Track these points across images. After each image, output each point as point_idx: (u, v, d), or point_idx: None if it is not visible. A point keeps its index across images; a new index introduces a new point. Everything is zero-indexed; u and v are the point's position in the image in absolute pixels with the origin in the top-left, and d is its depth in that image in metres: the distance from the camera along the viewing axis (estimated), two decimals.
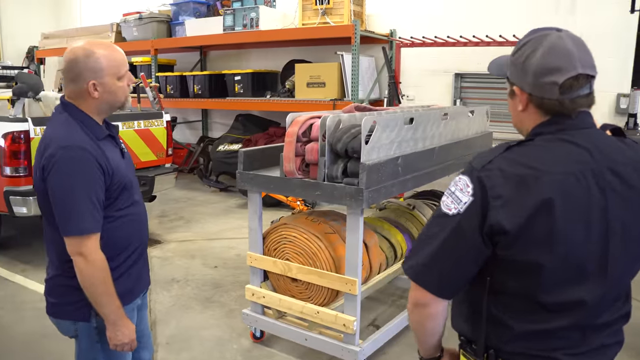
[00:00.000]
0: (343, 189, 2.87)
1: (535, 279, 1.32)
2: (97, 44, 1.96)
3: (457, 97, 7.51)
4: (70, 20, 12.51)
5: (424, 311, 1.43)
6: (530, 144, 1.37)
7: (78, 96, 1.94)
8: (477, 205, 1.30)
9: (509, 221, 1.27)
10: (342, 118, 3.07)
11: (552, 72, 1.32)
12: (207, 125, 10.30)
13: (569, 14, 6.66)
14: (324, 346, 3.18)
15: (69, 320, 2.01)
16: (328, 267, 3.14)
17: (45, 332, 3.66)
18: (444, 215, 1.35)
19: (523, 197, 1.27)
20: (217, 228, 6.40)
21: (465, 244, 1.33)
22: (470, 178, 1.33)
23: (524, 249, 1.29)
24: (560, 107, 1.35)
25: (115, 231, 1.98)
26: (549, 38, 1.36)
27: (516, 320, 1.37)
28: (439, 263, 1.36)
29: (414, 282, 1.41)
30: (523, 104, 1.41)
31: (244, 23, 7.72)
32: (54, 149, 1.83)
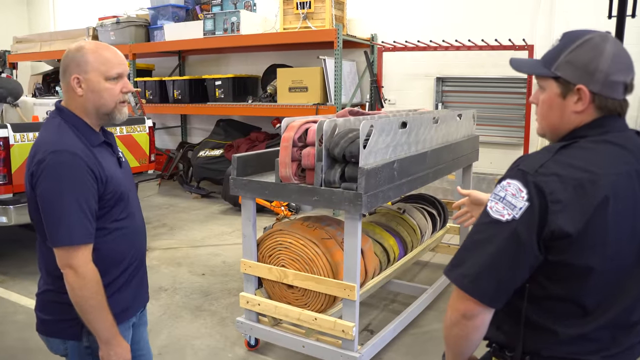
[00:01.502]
0: (341, 194, 2.85)
1: (583, 281, 1.32)
2: (91, 42, 1.89)
3: (439, 101, 7.57)
4: (43, 24, 12.26)
5: (471, 323, 1.36)
6: (577, 146, 1.36)
7: (66, 94, 1.87)
8: (534, 211, 1.27)
9: (571, 225, 1.26)
10: (337, 122, 3.05)
11: (623, 72, 1.35)
12: (187, 130, 10.19)
13: (548, 18, 6.77)
14: (322, 353, 3.15)
15: (59, 339, 1.90)
16: (325, 273, 3.11)
17: (27, 347, 3.55)
18: (496, 222, 1.31)
19: (582, 200, 1.27)
20: (202, 235, 6.32)
21: (522, 250, 1.29)
22: (522, 182, 1.30)
23: (579, 253, 1.29)
24: (620, 107, 1.38)
25: (110, 245, 1.87)
26: (608, 40, 1.36)
27: (559, 325, 1.36)
28: (496, 271, 1.32)
29: (463, 292, 1.35)
30: (585, 104, 1.37)
31: (225, 27, 7.66)
32: (44, 154, 1.73)
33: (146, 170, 6.03)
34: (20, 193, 4.71)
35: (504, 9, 6.99)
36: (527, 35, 6.72)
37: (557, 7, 6.70)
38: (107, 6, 10.38)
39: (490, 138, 7.27)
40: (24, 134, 4.71)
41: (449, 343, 1.46)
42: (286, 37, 7.41)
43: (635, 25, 6.15)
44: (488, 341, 1.51)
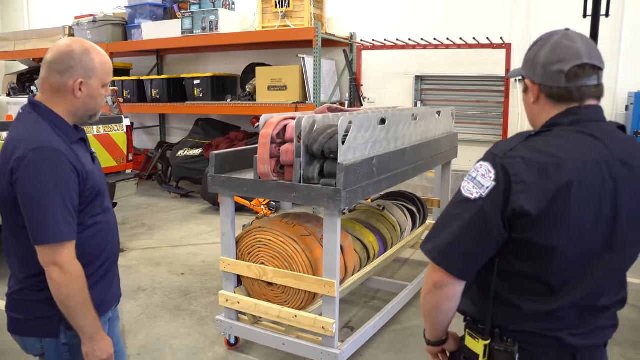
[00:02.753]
0: (320, 190, 2.84)
1: (548, 261, 1.38)
2: (93, 46, 1.87)
3: (418, 99, 7.61)
4: (16, 22, 12.03)
5: (442, 293, 1.46)
6: (549, 134, 1.43)
7: (57, 92, 1.81)
8: (499, 190, 1.36)
9: (532, 205, 1.33)
10: (316, 119, 3.04)
11: (559, 62, 1.42)
12: (165, 130, 10.09)
13: (525, 18, 6.85)
14: (303, 350, 3.14)
15: (35, 338, 1.87)
16: (305, 269, 3.10)
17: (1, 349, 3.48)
18: (466, 200, 1.40)
19: (545, 182, 1.34)
20: (181, 234, 6.26)
21: (487, 226, 1.37)
22: (492, 164, 1.38)
23: (541, 232, 1.36)
24: (568, 94, 1.44)
25: (88, 239, 1.85)
26: (556, 35, 1.47)
27: (524, 301, 1.43)
28: (463, 245, 1.40)
29: (435, 264, 1.44)
30: (535, 95, 1.50)
31: (203, 26, 7.61)
32: (24, 151, 1.69)
33: (124, 169, 5.95)
34: None
35: (482, 7, 7.04)
36: (505, 34, 6.78)
37: (534, 6, 6.78)
38: (83, 4, 10.23)
39: (469, 136, 7.32)
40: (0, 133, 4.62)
41: (425, 312, 1.56)
42: (265, 36, 7.38)
43: (609, 25, 6.27)
44: (464, 315, 1.57)
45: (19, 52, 9.93)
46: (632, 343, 3.64)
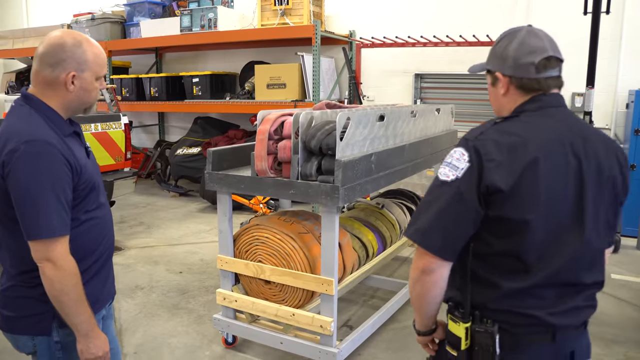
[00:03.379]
0: (318, 187, 2.81)
1: (522, 236, 1.46)
2: (86, 37, 1.82)
3: (418, 97, 7.58)
4: (15, 20, 12.01)
5: (429, 278, 1.51)
6: (517, 119, 1.56)
7: (49, 85, 1.78)
8: (473, 169, 1.45)
9: (503, 181, 1.43)
10: (314, 115, 3.01)
11: (529, 54, 1.54)
12: (164, 129, 10.06)
13: (525, 15, 6.81)
14: (301, 349, 3.11)
15: (27, 335, 1.84)
16: (303, 267, 3.07)
17: None
18: (443, 183, 1.48)
19: (513, 160, 1.44)
20: (179, 233, 6.23)
21: (464, 205, 1.46)
22: (465, 147, 1.49)
23: (514, 207, 1.44)
24: (537, 84, 1.56)
25: (82, 235, 1.82)
26: (522, 30, 1.59)
27: (501, 279, 1.49)
28: (442, 224, 1.47)
29: (419, 247, 1.50)
30: (505, 87, 1.60)
31: (202, 24, 7.57)
32: (16, 144, 1.65)
33: (122, 168, 5.92)
34: None
35: (482, 5, 7.01)
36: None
37: (534, 3, 6.75)
38: (81, 2, 10.20)
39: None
40: None
41: (414, 302, 1.62)
42: (264, 34, 7.35)
43: (610, 22, 6.24)
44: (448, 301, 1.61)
45: (17, 50, 9.90)
46: (635, 342, 3.62)
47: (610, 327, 3.81)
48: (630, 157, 5.96)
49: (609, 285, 4.62)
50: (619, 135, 6.41)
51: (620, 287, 4.59)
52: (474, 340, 1.51)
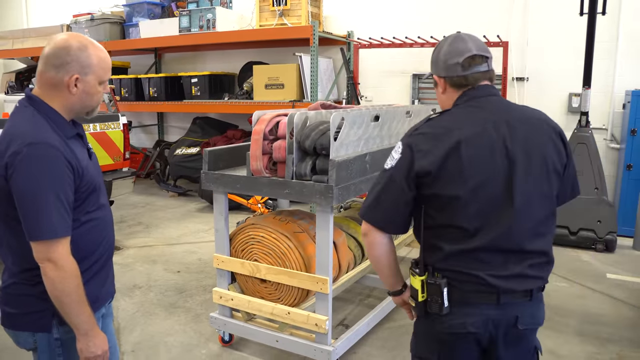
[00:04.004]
0: (312, 186, 2.84)
1: (456, 209, 1.71)
2: (91, 41, 1.85)
3: (415, 97, 7.60)
4: (14, 20, 12.04)
5: (367, 240, 1.86)
6: (448, 112, 1.83)
7: (53, 87, 1.80)
8: (404, 160, 1.74)
9: (430, 164, 1.70)
10: (309, 115, 3.04)
11: (455, 56, 1.81)
12: (163, 129, 10.09)
13: (522, 16, 6.84)
14: (296, 347, 3.14)
15: (27, 332, 1.87)
16: (298, 266, 3.10)
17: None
18: (383, 170, 1.82)
19: (438, 147, 1.71)
20: (178, 233, 6.26)
21: (395, 187, 1.76)
22: (401, 142, 1.80)
23: (443, 185, 1.71)
24: (465, 80, 1.81)
25: (83, 236, 1.85)
26: (449, 38, 1.86)
27: (446, 244, 1.75)
28: (381, 203, 1.80)
29: (365, 222, 1.84)
30: (442, 87, 1.87)
31: (200, 24, 7.60)
32: (19, 146, 1.67)
33: (121, 167, 5.95)
34: None
35: (480, 6, 7.04)
36: (503, 32, 6.78)
37: (531, 4, 6.78)
38: (81, 3, 10.23)
39: None
40: None
41: (376, 269, 1.95)
42: (262, 34, 7.37)
43: (607, 23, 6.26)
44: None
45: (17, 50, 9.93)
46: (629, 340, 3.64)
47: (605, 326, 3.83)
48: (627, 157, 5.99)
49: (604, 285, 4.65)
50: (616, 136, 6.44)
51: (615, 286, 4.62)
52: (428, 291, 1.76)
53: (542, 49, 6.80)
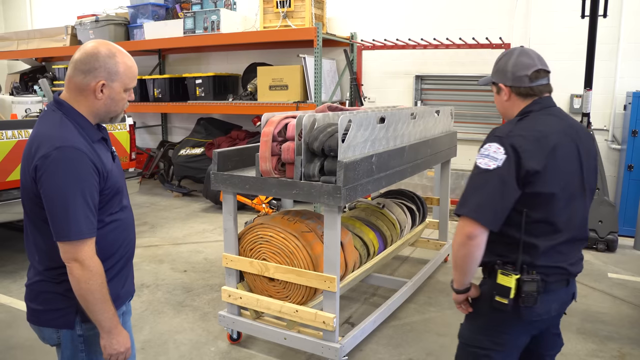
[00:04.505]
0: (320, 187, 2.90)
1: (551, 205, 1.93)
2: (119, 49, 1.92)
3: (418, 98, 7.66)
4: (19, 21, 12.11)
5: (473, 242, 1.90)
6: (528, 118, 2.01)
7: (80, 92, 1.87)
8: (511, 160, 1.87)
9: (537, 164, 1.89)
10: (317, 117, 3.11)
11: (523, 69, 2.03)
12: (167, 129, 10.16)
13: (524, 18, 6.91)
14: (304, 344, 3.20)
15: (52, 328, 1.93)
16: (306, 265, 3.16)
17: (9, 345, 3.54)
18: (485, 171, 1.89)
19: (540, 148, 1.91)
20: (183, 233, 6.33)
21: (506, 186, 1.87)
22: (499, 143, 1.90)
23: (544, 184, 1.90)
24: (532, 91, 2.04)
25: (106, 237, 1.92)
26: (516, 50, 2.08)
27: (538, 240, 1.94)
28: (491, 202, 1.88)
29: (469, 220, 1.88)
30: (507, 94, 2.08)
31: (205, 26, 7.67)
32: (48, 149, 1.75)
33: (127, 168, 6.02)
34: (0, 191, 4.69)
35: (482, 8, 7.11)
36: (505, 33, 6.85)
37: (533, 6, 6.84)
38: (85, 4, 10.30)
39: (468, 135, 7.38)
40: (2, 132, 4.68)
41: (458, 263, 1.99)
42: (266, 36, 7.44)
43: (608, 26, 6.32)
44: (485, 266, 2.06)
45: (21, 51, 10.00)
46: (629, 339, 3.70)
47: (605, 325, 3.89)
48: (627, 157, 6.05)
49: (605, 284, 4.71)
50: (617, 137, 6.50)
51: (616, 285, 4.68)
52: (521, 288, 1.92)
53: (544, 51, 6.78)
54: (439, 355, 3.47)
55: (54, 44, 9.50)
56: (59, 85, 9.77)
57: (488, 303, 2.00)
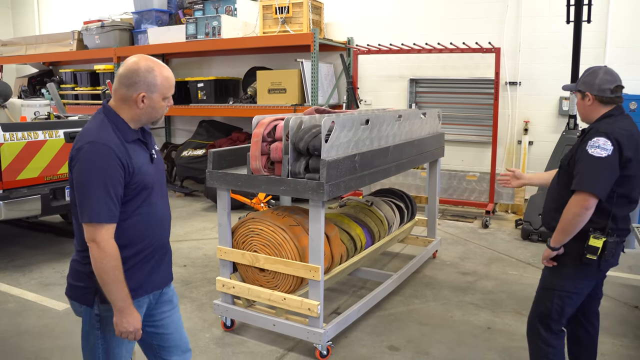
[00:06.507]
0: (305, 183, 3.15)
1: (633, 184, 2.61)
2: (158, 63, 2.16)
3: (413, 101, 7.90)
4: (27, 27, 12.44)
5: (589, 212, 2.52)
6: (617, 119, 2.63)
7: (124, 101, 2.11)
8: (616, 150, 2.52)
9: (632, 153, 2.55)
10: (303, 119, 3.35)
11: (607, 83, 2.65)
12: (170, 131, 10.43)
13: (514, 24, 7.15)
14: (291, 330, 3.44)
15: (77, 302, 2.18)
16: (293, 256, 3.40)
17: (18, 330, 3.80)
18: (599, 158, 2.51)
19: (631, 143, 2.57)
20: (184, 230, 6.58)
21: (615, 169, 2.52)
22: (606, 137, 2.53)
23: (633, 168, 2.57)
24: (612, 100, 2.66)
25: (130, 227, 2.11)
26: (601, 69, 2.69)
27: (619, 210, 2.61)
28: (606, 180, 2.52)
29: (588, 194, 2.51)
30: (591, 100, 2.68)
31: (206, 31, 7.93)
32: (82, 143, 2.02)
33: None
34: (10, 189, 4.94)
35: (475, 14, 7.35)
36: (497, 38, 7.09)
37: (523, 12, 7.08)
38: (91, 10, 10.60)
39: (462, 137, 7.62)
40: (12, 134, 4.94)
41: (569, 228, 2.58)
42: (265, 41, 7.70)
43: (595, 31, 6.55)
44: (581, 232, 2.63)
45: (30, 56, 10.31)
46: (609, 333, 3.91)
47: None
48: None
49: None
50: None
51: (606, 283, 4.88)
52: (606, 248, 2.55)
53: (534, 55, 7.10)
54: (419, 342, 3.70)
55: (61, 49, 9.81)
56: (66, 88, 10.06)
57: (577, 259, 2.63)
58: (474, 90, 7.53)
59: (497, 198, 7.21)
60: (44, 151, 5.19)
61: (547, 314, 2.78)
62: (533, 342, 2.89)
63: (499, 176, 3.41)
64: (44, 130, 5.21)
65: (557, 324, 2.79)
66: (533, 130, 7.25)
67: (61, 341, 3.67)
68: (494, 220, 7.09)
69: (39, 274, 5.09)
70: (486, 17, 7.29)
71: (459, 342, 3.71)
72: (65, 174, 5.37)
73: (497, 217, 7.29)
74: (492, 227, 6.78)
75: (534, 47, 7.09)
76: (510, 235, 6.39)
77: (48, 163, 5.23)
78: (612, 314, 4.22)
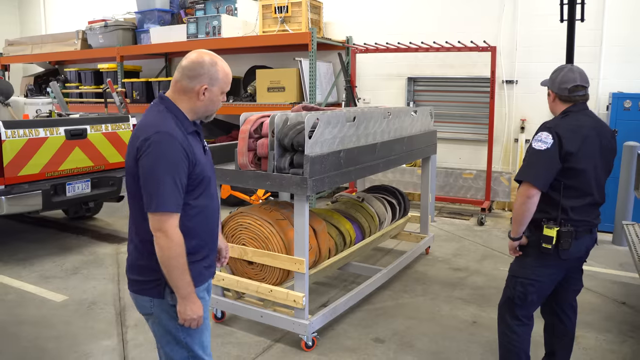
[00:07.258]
0: (290, 178, 3.24)
1: (581, 177, 2.71)
2: (220, 58, 2.21)
3: (411, 99, 7.98)
4: (34, 27, 12.63)
5: (532, 200, 2.67)
6: (568, 116, 2.77)
7: (184, 93, 2.14)
8: (556, 143, 2.65)
9: (573, 147, 2.65)
10: (289, 116, 3.45)
11: (565, 82, 2.79)
12: None
13: (511, 23, 7.20)
14: (277, 321, 3.54)
15: (147, 297, 2.15)
16: (279, 249, 3.50)
17: (18, 320, 3.92)
18: (539, 151, 2.65)
19: (576, 137, 2.68)
20: None
21: (553, 161, 2.65)
22: (548, 131, 2.68)
23: (577, 161, 2.67)
24: (569, 99, 2.79)
25: (189, 218, 2.13)
26: (565, 68, 2.83)
27: (571, 202, 2.72)
28: (544, 172, 2.66)
29: (529, 185, 2.65)
30: (553, 97, 2.85)
31: (207, 31, 8.05)
32: (149, 134, 2.02)
33: None
34: (12, 185, 5.08)
35: (472, 13, 7.41)
36: (493, 37, 7.14)
37: (520, 10, 7.13)
38: (95, 10, 10.75)
39: (459, 135, 7.68)
40: (14, 131, 5.07)
41: (518, 217, 2.74)
42: (265, 40, 7.80)
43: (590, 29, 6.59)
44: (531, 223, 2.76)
45: (35, 55, 10.48)
46: (585, 323, 3.98)
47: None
48: None
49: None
50: None
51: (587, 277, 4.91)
52: (560, 237, 2.69)
53: (531, 53, 7.15)
54: (404, 334, 3.79)
55: (65, 48, 9.97)
56: (70, 87, 10.23)
57: (536, 248, 2.78)
58: (471, 89, 7.60)
59: (494, 196, 7.27)
60: (45, 148, 5.32)
61: (511, 299, 2.92)
62: (500, 330, 3.01)
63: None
64: (45, 127, 5.34)
65: (520, 309, 2.90)
66: (530, 128, 7.30)
67: (58, 331, 3.79)
68: (490, 217, 7.16)
69: (39, 267, 5.22)
70: (484, 16, 7.35)
71: (443, 336, 3.80)
72: (66, 171, 5.50)
73: (494, 214, 7.35)
74: (488, 225, 6.85)
75: (530, 45, 7.14)
76: (505, 233, 6.45)
77: (49, 159, 5.36)
78: (599, 309, 4.29)
